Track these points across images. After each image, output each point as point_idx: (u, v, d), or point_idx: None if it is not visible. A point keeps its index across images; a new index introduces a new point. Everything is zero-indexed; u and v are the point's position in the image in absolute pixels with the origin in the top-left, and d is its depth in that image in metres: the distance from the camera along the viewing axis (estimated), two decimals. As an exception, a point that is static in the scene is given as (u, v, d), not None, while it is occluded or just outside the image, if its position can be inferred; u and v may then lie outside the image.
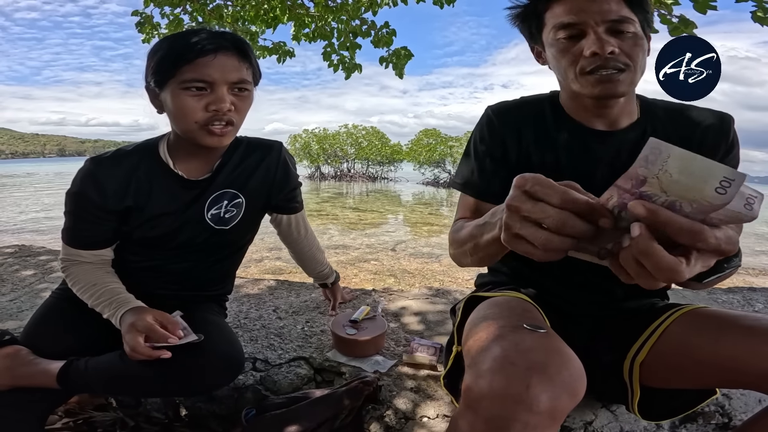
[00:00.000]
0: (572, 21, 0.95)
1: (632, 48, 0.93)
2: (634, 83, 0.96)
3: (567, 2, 0.96)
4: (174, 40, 1.08)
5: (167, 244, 1.25)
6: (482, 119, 1.14)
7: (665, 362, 0.96)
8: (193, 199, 1.22)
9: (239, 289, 2.16)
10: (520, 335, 0.78)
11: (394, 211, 14.20)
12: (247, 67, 1.11)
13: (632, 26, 0.92)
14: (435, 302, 2.03)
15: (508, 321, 0.86)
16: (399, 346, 1.59)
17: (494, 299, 1.04)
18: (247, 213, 1.29)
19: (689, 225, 0.50)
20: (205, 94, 1.07)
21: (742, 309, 2.12)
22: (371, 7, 4.37)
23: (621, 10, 0.92)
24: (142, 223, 1.20)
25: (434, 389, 1.33)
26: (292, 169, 1.38)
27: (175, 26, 4.79)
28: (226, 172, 1.25)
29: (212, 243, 1.28)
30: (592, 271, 1.07)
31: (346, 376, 1.40)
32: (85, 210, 1.16)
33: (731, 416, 1.28)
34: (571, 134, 1.07)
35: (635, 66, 0.94)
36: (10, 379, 1.10)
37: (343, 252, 7.32)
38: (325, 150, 30.76)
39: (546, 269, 1.14)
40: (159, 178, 1.19)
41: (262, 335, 1.65)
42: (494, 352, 0.73)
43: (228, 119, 1.10)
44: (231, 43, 1.09)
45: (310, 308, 1.92)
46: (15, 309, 1.89)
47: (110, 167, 1.16)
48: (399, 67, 4.55)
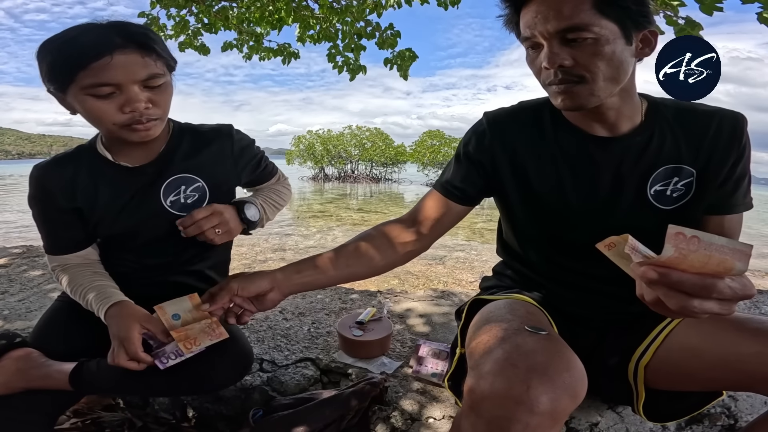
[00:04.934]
0: (527, 35, 0.92)
1: (589, 57, 0.86)
2: (600, 92, 0.90)
3: (526, 13, 0.91)
4: (62, 45, 0.99)
5: (136, 238, 1.22)
6: (476, 125, 1.14)
7: (670, 365, 0.96)
8: (143, 188, 1.18)
9: (245, 290, 2.17)
10: (522, 337, 0.79)
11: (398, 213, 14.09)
12: (153, 59, 1.03)
13: (590, 33, 0.84)
14: (440, 304, 2.04)
15: (510, 323, 0.87)
16: (405, 348, 1.59)
17: (498, 302, 1.05)
18: (214, 196, 1.24)
19: (701, 281, 0.56)
20: (116, 96, 1.00)
21: (748, 311, 2.11)
22: (376, 9, 4.38)
23: (576, 17, 0.84)
24: (100, 221, 1.19)
25: (440, 391, 1.34)
26: (248, 146, 1.32)
27: (181, 28, 4.82)
28: (178, 158, 1.21)
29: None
30: (598, 275, 1.07)
31: (352, 377, 1.40)
32: (45, 214, 1.19)
33: (737, 418, 1.28)
34: (570, 141, 1.04)
35: (594, 75, 0.88)
36: (23, 382, 1.10)
37: (347, 253, 7.31)
38: (329, 151, 30.78)
39: (552, 274, 1.14)
40: (102, 174, 1.17)
41: (269, 336, 1.66)
42: (496, 354, 0.74)
43: (148, 116, 1.05)
44: (127, 39, 0.99)
45: (317, 309, 1.93)
46: (24, 309, 1.91)
47: (52, 171, 1.17)
48: (403, 69, 4.56)
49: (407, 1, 4.58)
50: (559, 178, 1.05)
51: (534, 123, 1.08)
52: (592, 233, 1.06)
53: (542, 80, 0.95)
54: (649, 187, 1.00)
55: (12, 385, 1.10)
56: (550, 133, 1.06)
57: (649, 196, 1.00)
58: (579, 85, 0.90)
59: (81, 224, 1.19)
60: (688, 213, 1.01)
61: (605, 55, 0.86)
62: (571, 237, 1.09)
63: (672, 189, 1.00)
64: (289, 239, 8.50)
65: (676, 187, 0.99)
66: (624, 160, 1.00)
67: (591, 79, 0.89)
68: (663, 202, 1.00)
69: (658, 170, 0.99)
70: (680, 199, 1.00)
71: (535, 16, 0.89)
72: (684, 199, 1.00)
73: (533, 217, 1.13)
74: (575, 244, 1.09)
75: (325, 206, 15.07)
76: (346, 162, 31.69)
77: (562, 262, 1.12)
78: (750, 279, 0.79)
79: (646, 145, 0.99)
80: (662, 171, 0.99)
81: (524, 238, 1.19)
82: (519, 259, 1.21)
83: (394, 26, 4.43)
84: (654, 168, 0.99)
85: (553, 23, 0.86)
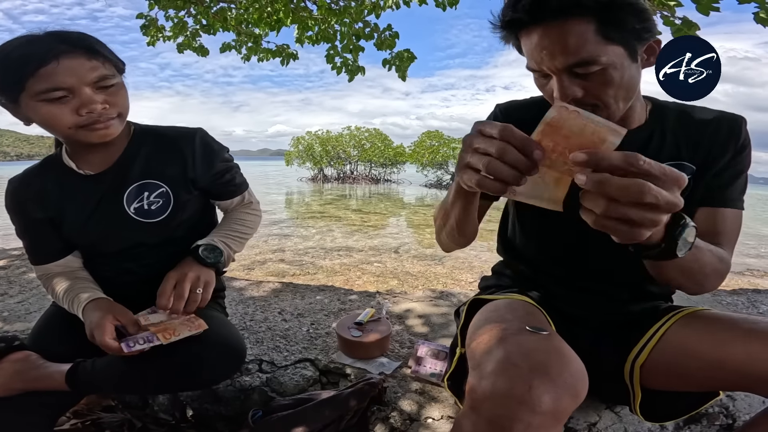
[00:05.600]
0: (534, 67, 0.91)
1: (600, 87, 0.86)
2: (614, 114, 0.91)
3: (527, 42, 0.89)
4: (6, 56, 0.99)
5: (109, 246, 1.24)
6: (490, 115, 1.16)
7: (665, 365, 0.97)
8: (106, 196, 1.19)
9: (244, 291, 2.18)
10: (523, 337, 0.79)
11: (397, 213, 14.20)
12: (101, 61, 1.05)
13: (596, 64, 0.84)
14: (439, 305, 2.04)
15: (510, 323, 0.87)
16: (404, 348, 1.60)
17: (498, 302, 1.05)
18: (179, 202, 1.23)
19: (628, 181, 0.59)
20: (69, 99, 1.02)
21: (746, 311, 2.12)
22: (374, 10, 4.39)
23: (582, 51, 0.83)
24: (70, 231, 1.22)
25: (438, 391, 1.34)
26: (213, 152, 1.29)
27: (179, 29, 4.84)
28: (139, 164, 1.20)
29: (157, 237, 1.24)
30: (597, 275, 1.08)
31: (351, 378, 1.41)
32: (23, 226, 1.23)
33: (735, 417, 1.29)
34: None
35: (606, 101, 0.88)
36: (21, 383, 1.12)
37: (347, 254, 7.32)
38: (328, 152, 30.77)
39: (551, 273, 1.15)
40: (68, 184, 1.20)
41: (268, 337, 1.66)
42: (497, 354, 0.75)
43: (107, 116, 1.07)
44: (72, 45, 1.01)
45: (315, 310, 1.93)
46: (23, 311, 1.91)
47: (23, 184, 1.21)
48: (402, 70, 4.57)
49: (405, 2, 4.60)
50: None
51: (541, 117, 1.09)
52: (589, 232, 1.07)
53: None
54: None
55: (10, 387, 1.11)
56: None
57: None
58: (597, 110, 0.89)
59: (56, 234, 1.23)
60: (688, 208, 1.01)
61: (615, 82, 0.86)
62: (568, 235, 1.09)
63: None
64: (288, 240, 8.49)
65: None
66: None
67: (604, 105, 0.89)
68: None
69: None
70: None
71: (540, 51, 0.86)
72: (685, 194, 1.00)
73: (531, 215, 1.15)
74: (574, 242, 1.10)
75: (324, 207, 15.06)
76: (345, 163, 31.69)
77: (561, 261, 1.13)
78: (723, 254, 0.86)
79: (647, 142, 1.01)
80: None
81: (524, 236, 1.19)
82: (519, 258, 1.22)
83: (392, 27, 4.44)
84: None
85: (560, 59, 0.85)
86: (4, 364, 1.14)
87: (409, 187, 27.19)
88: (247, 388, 1.38)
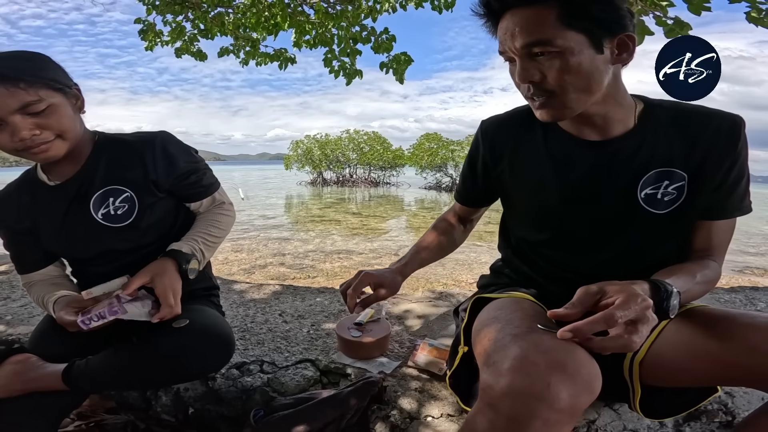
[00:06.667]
0: (501, 50, 0.95)
1: (556, 72, 0.88)
2: (573, 104, 0.93)
3: (499, 30, 0.94)
4: None
5: (86, 251, 1.27)
6: (475, 134, 1.23)
7: (664, 360, 0.97)
8: (72, 204, 1.23)
9: (244, 294, 2.19)
10: (538, 335, 0.80)
11: (397, 216, 14.21)
12: (22, 86, 1.02)
13: (554, 47, 0.86)
14: (438, 305, 2.05)
15: (521, 321, 0.89)
16: (403, 348, 1.61)
17: (502, 300, 1.07)
18: (143, 205, 1.25)
19: (597, 318, 0.74)
20: (3, 127, 1.04)
21: (744, 308, 2.13)
22: (371, 13, 4.41)
23: (539, 32, 0.86)
24: (46, 240, 1.27)
25: (438, 389, 1.35)
26: (176, 156, 1.29)
27: (177, 34, 4.85)
28: (101, 171, 1.23)
29: (129, 241, 1.26)
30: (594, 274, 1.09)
31: (351, 378, 1.42)
32: (6, 237, 1.30)
33: (735, 414, 1.29)
34: (560, 145, 1.07)
35: (564, 89, 0.90)
36: (21, 384, 1.14)
37: (347, 257, 7.34)
38: (327, 156, 30.77)
39: (548, 271, 1.16)
40: (39, 195, 1.25)
41: (269, 338, 1.67)
42: (513, 352, 0.76)
43: (39, 141, 1.08)
44: None
45: (315, 312, 1.95)
46: (26, 315, 1.93)
47: (3, 198, 1.29)
48: (399, 73, 4.58)
49: (402, 5, 4.62)
50: (541, 179, 1.09)
51: (524, 127, 1.13)
52: (582, 235, 1.09)
53: (522, 93, 0.99)
54: (639, 191, 1.00)
55: (10, 388, 1.14)
56: (538, 136, 1.10)
57: (640, 200, 1.01)
58: (551, 99, 0.93)
59: (37, 244, 1.29)
60: (681, 217, 1.02)
61: (572, 68, 0.87)
62: (560, 237, 1.11)
63: (663, 193, 1.00)
64: (288, 244, 8.51)
65: (667, 191, 0.99)
66: (613, 163, 1.01)
67: (561, 92, 0.91)
68: (655, 206, 1.01)
69: (649, 174, 0.99)
70: (672, 203, 1.00)
71: (505, 33, 0.91)
72: (676, 203, 1.00)
73: (525, 217, 1.18)
74: (567, 243, 1.11)
75: (324, 211, 15.08)
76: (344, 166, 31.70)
77: (557, 260, 1.14)
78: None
79: (637, 148, 1.00)
80: (653, 174, 0.99)
81: (521, 236, 1.21)
82: (518, 256, 1.24)
83: (389, 30, 4.46)
84: (644, 171, 1.00)
85: (519, 39, 0.89)
86: (5, 367, 1.16)
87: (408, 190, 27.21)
88: (249, 388, 1.39)
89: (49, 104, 1.07)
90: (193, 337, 1.17)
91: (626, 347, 0.73)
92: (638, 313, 0.73)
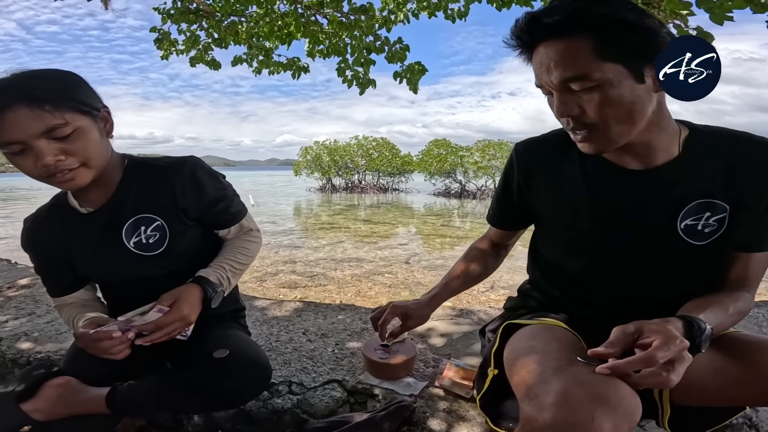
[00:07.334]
0: (537, 83, 0.94)
1: (596, 106, 0.87)
2: (616, 137, 0.90)
3: (534, 62, 0.92)
4: None
5: (117, 278, 1.27)
6: (508, 158, 1.21)
7: (694, 383, 0.95)
8: (104, 232, 1.21)
9: (266, 311, 2.20)
10: (578, 368, 0.81)
11: (407, 223, 14.18)
12: (48, 109, 0.97)
13: (591, 81, 0.84)
14: (460, 323, 2.05)
15: (559, 353, 0.89)
16: (428, 368, 1.61)
17: (534, 328, 1.06)
18: (174, 234, 1.23)
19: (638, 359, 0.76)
20: (27, 152, 0.99)
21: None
22: (385, 24, 4.42)
23: (575, 67, 0.85)
24: (79, 267, 1.27)
25: (466, 409, 1.36)
26: (205, 183, 1.26)
27: (191, 43, 4.90)
28: (132, 199, 1.21)
29: (161, 268, 1.25)
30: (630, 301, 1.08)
31: (379, 398, 1.42)
32: (37, 261, 1.30)
33: (759, 428, 1.29)
34: (598, 171, 1.05)
35: (605, 123, 0.88)
36: (65, 408, 1.16)
37: (357, 265, 7.33)
38: (336, 162, 30.81)
39: (581, 298, 1.15)
40: (71, 223, 1.24)
41: (295, 358, 1.68)
42: (556, 386, 0.77)
43: (63, 168, 1.03)
44: (12, 96, 0.96)
45: (338, 330, 1.95)
46: (54, 331, 1.95)
47: (34, 224, 1.28)
48: (413, 82, 4.60)
49: (414, 14, 4.64)
50: (576, 204, 1.07)
51: (560, 150, 1.10)
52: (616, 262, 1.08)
53: (562, 125, 0.97)
54: (680, 222, 0.99)
55: (54, 412, 1.16)
56: (575, 161, 1.08)
57: (679, 231, 0.99)
58: (593, 132, 0.91)
59: (69, 269, 1.28)
60: (720, 248, 1.00)
61: (612, 101, 0.85)
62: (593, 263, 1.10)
63: (704, 224, 0.98)
64: (299, 252, 8.52)
65: (708, 223, 0.98)
66: (653, 193, 0.99)
67: (603, 126, 0.89)
68: (695, 237, 0.99)
69: (690, 205, 0.98)
70: (712, 235, 0.98)
71: (539, 67, 0.90)
72: (716, 234, 0.98)
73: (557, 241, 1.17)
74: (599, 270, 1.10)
75: (333, 218, 15.09)
76: (353, 172, 31.72)
77: (589, 286, 1.13)
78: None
79: (679, 178, 0.98)
80: (694, 206, 0.97)
81: (552, 260, 1.20)
82: (548, 280, 1.22)
83: (402, 40, 4.47)
84: (685, 202, 0.98)
85: (555, 74, 0.87)
86: (46, 390, 1.18)
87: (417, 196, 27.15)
88: (279, 410, 1.40)
89: (75, 128, 1.02)
90: (235, 368, 1.17)
91: (663, 384, 0.75)
92: (676, 354, 0.76)
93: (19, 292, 2.56)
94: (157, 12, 4.72)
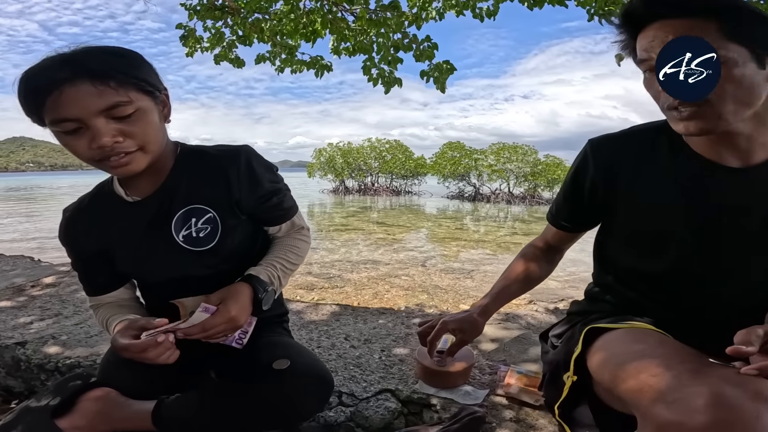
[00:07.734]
0: (644, 57, 0.90)
1: (720, 81, 0.82)
2: (729, 115, 0.85)
3: (643, 37, 0.89)
4: (21, 84, 0.91)
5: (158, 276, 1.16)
6: (580, 154, 1.13)
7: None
8: (152, 222, 1.11)
9: (302, 315, 2.09)
10: (721, 369, 0.77)
11: (421, 226, 14.11)
12: (113, 85, 0.91)
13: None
14: (509, 327, 1.96)
15: (682, 356, 0.84)
16: (484, 375, 1.51)
17: (630, 331, 0.98)
18: (229, 228, 1.13)
19: None
20: (83, 131, 0.92)
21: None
22: (416, 21, 4.33)
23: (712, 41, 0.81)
24: (120, 260, 1.15)
25: (534, 418, 1.27)
26: (261, 174, 1.17)
27: (216, 40, 4.85)
28: (184, 188, 1.11)
29: (209, 267, 1.14)
30: (724, 305, 1.00)
31: (437, 408, 1.32)
32: (74, 257, 1.19)
33: None
34: (689, 168, 0.98)
35: (721, 97, 0.83)
36: (107, 424, 1.06)
37: (374, 267, 7.28)
38: (349, 164, 30.85)
39: (667, 302, 1.06)
40: (116, 212, 1.12)
41: (341, 366, 1.56)
42: (702, 387, 0.72)
43: (121, 150, 0.95)
44: (76, 70, 0.89)
45: (382, 336, 1.84)
46: (83, 335, 1.84)
47: (75, 215, 1.18)
48: (441, 81, 4.51)
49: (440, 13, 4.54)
50: (665, 204, 1.00)
51: (646, 147, 1.04)
52: (708, 265, 0.99)
53: (661, 104, 0.91)
54: None
55: (95, 428, 1.05)
56: (666, 159, 1.01)
57: None
58: (704, 109, 0.85)
59: (108, 265, 1.17)
60: None
61: (735, 78, 0.82)
62: (682, 266, 1.01)
63: None
64: (314, 253, 8.47)
65: None
66: (753, 193, 0.93)
67: (717, 102, 0.84)
68: None
69: None
70: None
71: (652, 40, 0.86)
72: None
73: (638, 244, 1.08)
74: (689, 273, 1.02)
75: (348, 219, 15.06)
76: (367, 175, 31.73)
77: (678, 290, 1.04)
78: None
79: None
80: None
81: (630, 264, 1.11)
82: (624, 284, 1.13)
83: (431, 38, 4.38)
84: None
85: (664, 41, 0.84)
86: (84, 404, 1.08)
87: (430, 199, 27.09)
88: (332, 423, 1.29)
89: (137, 108, 0.95)
90: (298, 380, 1.05)
91: None
92: None
93: (44, 291, 2.46)
94: (184, 8, 4.66)
